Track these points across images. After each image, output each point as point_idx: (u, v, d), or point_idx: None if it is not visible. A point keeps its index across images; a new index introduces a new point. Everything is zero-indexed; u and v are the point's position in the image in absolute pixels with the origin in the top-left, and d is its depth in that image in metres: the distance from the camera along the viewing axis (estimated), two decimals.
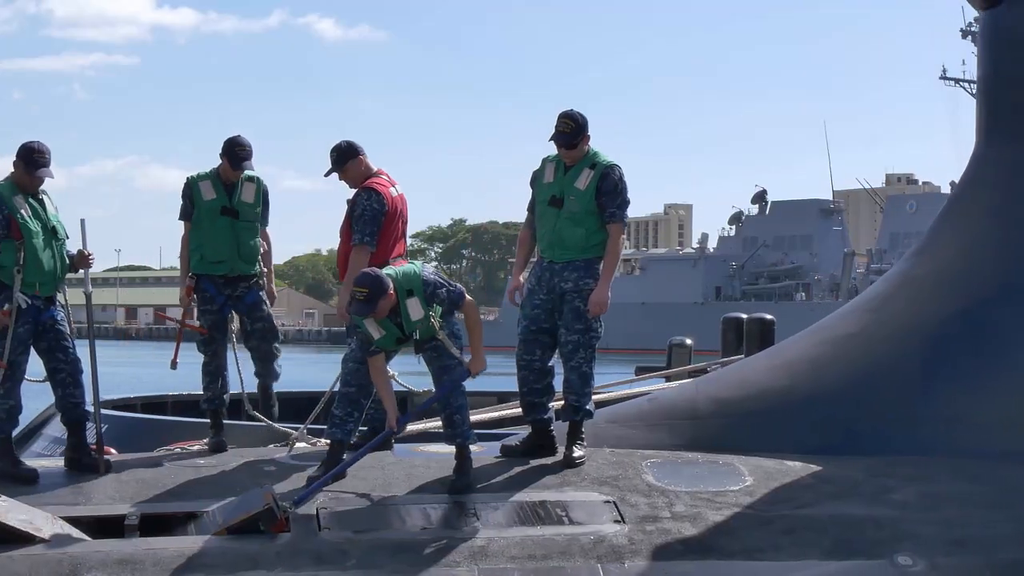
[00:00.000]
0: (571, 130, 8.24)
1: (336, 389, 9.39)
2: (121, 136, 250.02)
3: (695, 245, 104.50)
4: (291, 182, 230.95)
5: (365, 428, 8.67)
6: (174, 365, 9.27)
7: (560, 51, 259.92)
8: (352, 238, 8.63)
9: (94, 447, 8.25)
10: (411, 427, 10.35)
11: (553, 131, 8.29)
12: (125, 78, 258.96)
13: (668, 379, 16.28)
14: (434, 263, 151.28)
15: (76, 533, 7.39)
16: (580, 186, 8.29)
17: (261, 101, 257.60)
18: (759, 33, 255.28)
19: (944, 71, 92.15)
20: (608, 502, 7.93)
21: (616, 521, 7.77)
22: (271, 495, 7.55)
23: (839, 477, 8.38)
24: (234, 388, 9.23)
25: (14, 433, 15.61)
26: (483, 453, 8.43)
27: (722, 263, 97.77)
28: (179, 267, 9.09)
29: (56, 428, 14.76)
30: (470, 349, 8.14)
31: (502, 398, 14.05)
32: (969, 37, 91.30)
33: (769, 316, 16.22)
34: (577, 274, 8.31)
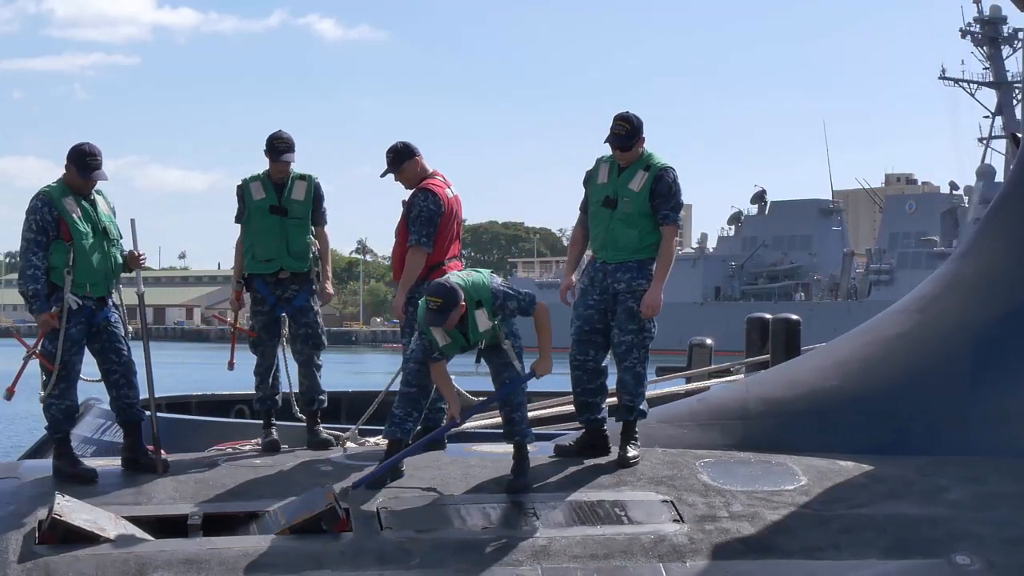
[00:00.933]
0: (626, 132, 8.28)
1: (390, 391, 9.48)
2: (121, 136, 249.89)
3: (694, 245, 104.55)
4: None
5: (419, 428, 8.70)
6: (231, 366, 9.28)
7: (560, 51, 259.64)
8: (408, 239, 8.67)
9: (151, 447, 8.27)
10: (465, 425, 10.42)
11: (608, 133, 8.32)
12: (125, 78, 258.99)
13: (689, 380, 16.33)
14: None
15: (139, 533, 7.41)
16: (634, 187, 8.33)
17: (261, 101, 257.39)
18: (759, 33, 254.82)
19: (943, 71, 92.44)
20: (666, 501, 7.97)
21: (675, 520, 7.81)
22: (333, 494, 7.59)
23: (892, 477, 8.42)
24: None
25: (44, 433, 15.70)
26: (536, 453, 8.45)
27: (721, 263, 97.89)
28: (234, 269, 9.09)
29: (86, 428, 14.78)
30: (538, 350, 8.20)
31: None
32: (968, 37, 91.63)
33: (795, 316, 16.21)
34: (630, 275, 8.35)
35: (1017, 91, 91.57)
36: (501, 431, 8.45)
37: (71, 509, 7.35)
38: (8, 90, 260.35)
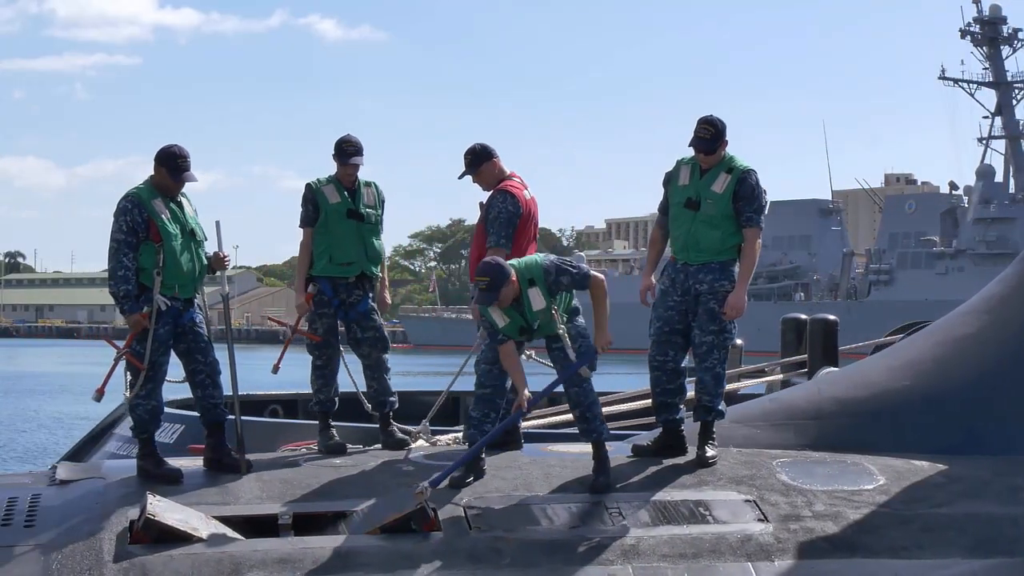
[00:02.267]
0: (711, 136, 8.34)
1: (451, 391, 9.57)
2: (122, 136, 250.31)
3: None
4: (291, 182, 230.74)
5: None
6: (275, 370, 9.28)
7: (560, 51, 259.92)
8: (487, 240, 8.72)
9: (234, 448, 8.30)
10: (538, 419, 10.50)
11: (692, 136, 8.38)
12: (127, 78, 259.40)
13: None
14: (433, 263, 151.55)
15: (230, 532, 7.44)
16: (717, 190, 8.39)
17: (262, 101, 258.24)
18: (759, 33, 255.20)
19: (943, 71, 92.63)
20: (748, 501, 8.03)
21: (759, 520, 7.86)
22: (422, 494, 7.63)
23: (968, 476, 8.49)
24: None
25: (85, 434, 15.75)
26: (613, 453, 8.50)
27: None
28: (297, 273, 9.07)
29: (129, 427, 14.80)
30: (595, 325, 8.18)
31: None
32: (968, 37, 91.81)
33: (832, 316, 16.25)
34: (713, 276, 8.41)
35: (1017, 91, 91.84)
36: (573, 430, 8.50)
37: (164, 509, 7.38)
38: (8, 90, 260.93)
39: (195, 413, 13.92)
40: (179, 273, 8.11)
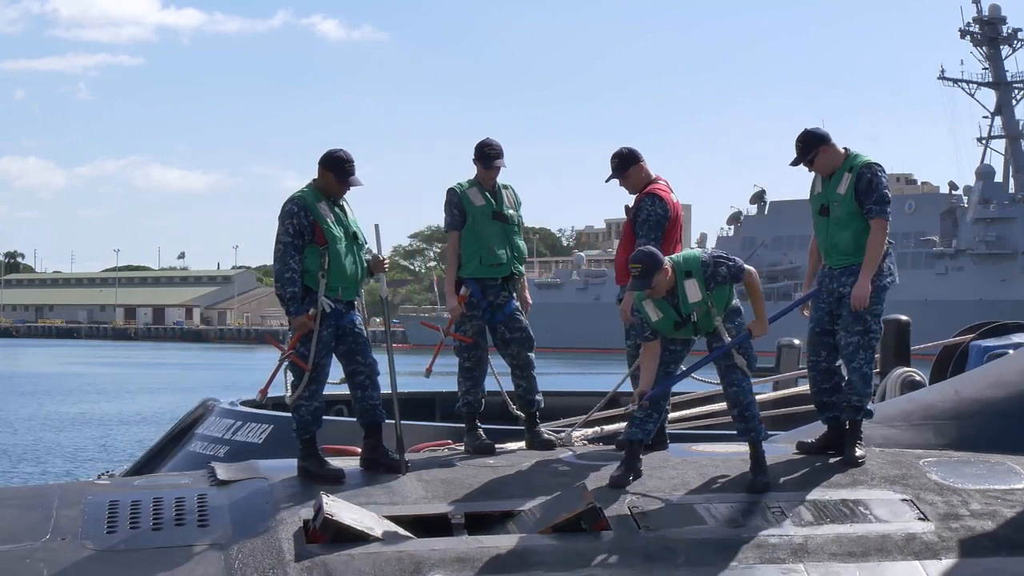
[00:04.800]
0: (799, 149, 8.70)
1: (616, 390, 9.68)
2: (124, 136, 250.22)
3: (694, 245, 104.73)
4: (292, 182, 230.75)
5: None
6: (428, 373, 9.36)
7: (560, 51, 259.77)
8: (637, 243, 8.81)
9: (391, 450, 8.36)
10: (677, 412, 10.55)
11: None
12: (130, 79, 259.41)
13: (778, 383, 16.34)
14: (433, 263, 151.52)
15: (402, 531, 7.51)
16: (841, 191, 8.60)
17: (264, 101, 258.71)
18: (759, 33, 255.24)
19: (943, 71, 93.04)
20: (905, 500, 8.13)
21: (920, 519, 7.96)
22: (590, 494, 7.72)
23: None
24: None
25: (166, 432, 15.74)
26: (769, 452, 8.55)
27: None
28: (447, 276, 9.13)
29: (213, 428, 14.82)
30: (754, 313, 8.43)
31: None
32: (968, 37, 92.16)
33: (904, 317, 16.30)
34: (855, 278, 8.54)
35: (1017, 91, 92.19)
36: (713, 430, 8.60)
37: (340, 509, 7.44)
38: (10, 90, 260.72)
39: (284, 413, 14.02)
40: (343, 276, 8.19)
